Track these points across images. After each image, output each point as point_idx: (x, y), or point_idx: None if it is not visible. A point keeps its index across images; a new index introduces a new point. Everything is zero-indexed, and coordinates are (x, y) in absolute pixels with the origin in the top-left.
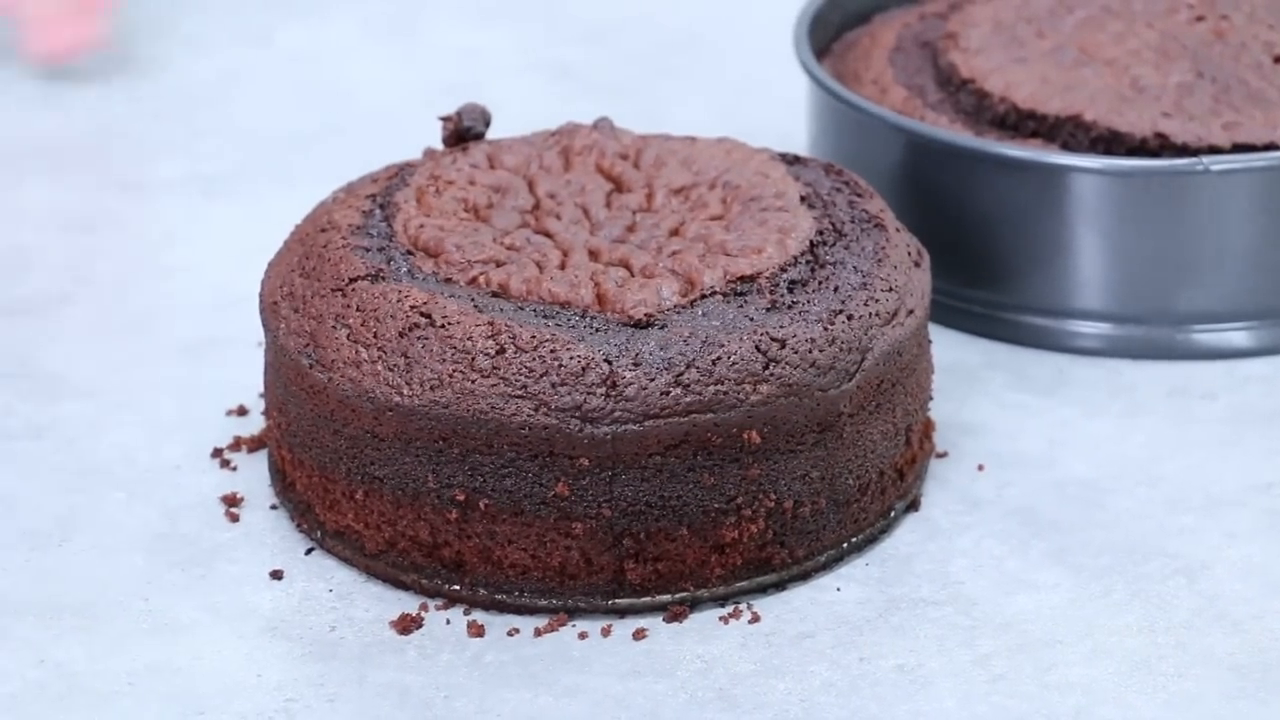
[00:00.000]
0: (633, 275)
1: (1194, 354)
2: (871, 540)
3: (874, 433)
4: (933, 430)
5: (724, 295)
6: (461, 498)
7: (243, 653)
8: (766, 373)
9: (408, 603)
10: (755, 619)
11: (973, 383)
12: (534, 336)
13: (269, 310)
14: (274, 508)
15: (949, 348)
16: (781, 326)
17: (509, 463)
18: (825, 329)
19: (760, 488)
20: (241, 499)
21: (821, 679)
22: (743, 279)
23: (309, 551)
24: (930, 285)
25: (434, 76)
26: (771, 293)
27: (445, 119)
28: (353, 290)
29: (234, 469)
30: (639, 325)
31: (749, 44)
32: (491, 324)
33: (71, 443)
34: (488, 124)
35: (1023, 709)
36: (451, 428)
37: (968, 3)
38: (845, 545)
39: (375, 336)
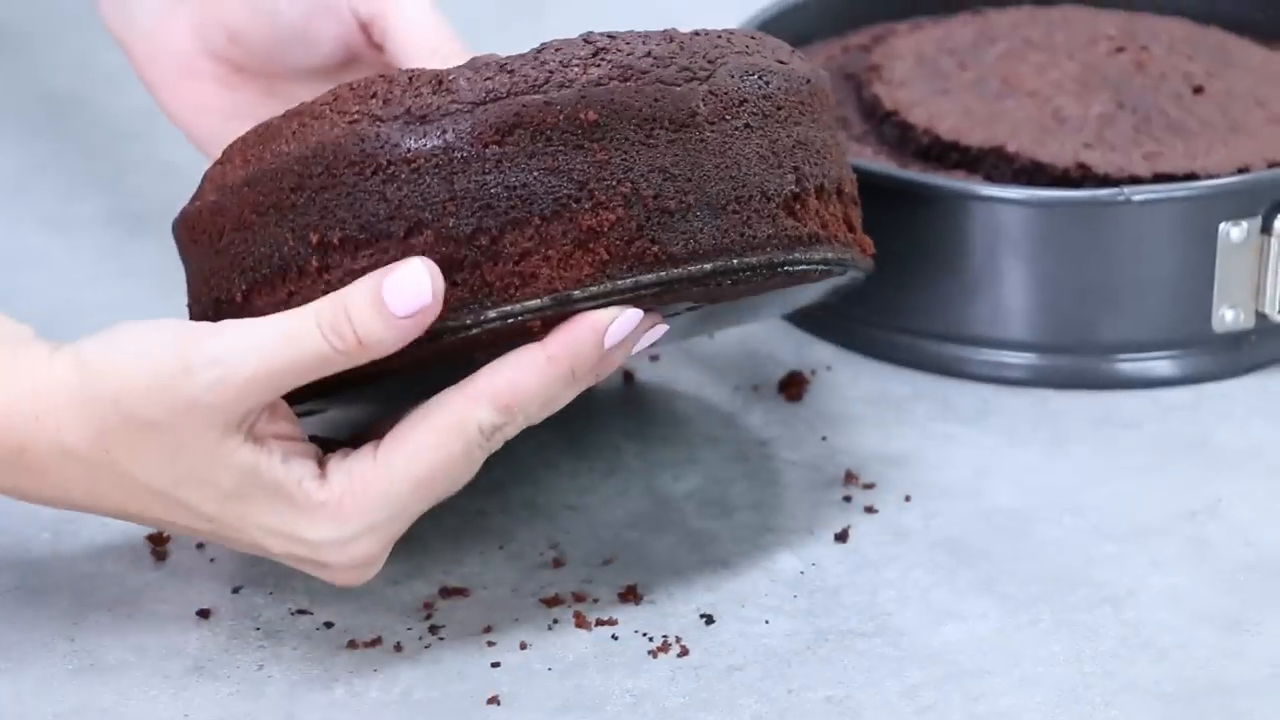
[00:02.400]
0: None
1: (1118, 383)
2: (771, 269)
3: (747, 150)
4: (856, 218)
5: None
6: (315, 239)
7: (170, 693)
8: (596, 58)
9: (336, 640)
10: (684, 652)
11: (899, 413)
12: (368, 79)
13: (184, 242)
14: (200, 547)
15: (875, 379)
16: (618, 35)
17: (353, 188)
18: (668, 36)
19: (612, 174)
20: (168, 538)
21: (751, 712)
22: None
23: (236, 590)
24: (824, 86)
25: None
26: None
27: None
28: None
29: None
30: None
31: None
32: (332, 90)
33: None
34: None
35: None
36: (297, 175)
37: (891, 35)
38: (735, 262)
39: (242, 142)
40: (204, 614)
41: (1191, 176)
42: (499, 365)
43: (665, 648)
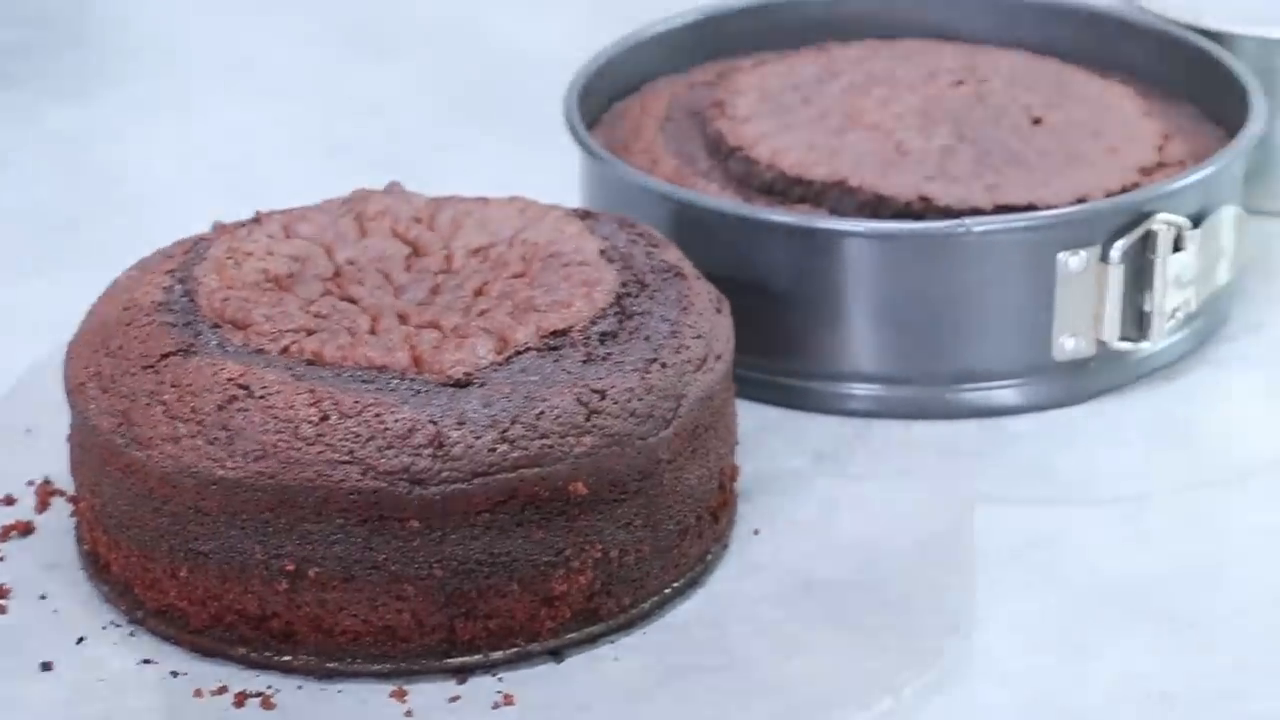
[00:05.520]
0: (445, 336)
1: (963, 413)
2: (692, 584)
3: (691, 478)
4: (738, 475)
5: (538, 350)
6: (291, 568)
7: None
8: (589, 424)
9: (180, 692)
10: (525, 693)
11: (747, 447)
12: (356, 402)
13: (75, 392)
14: (43, 598)
15: None
16: (600, 378)
17: (338, 529)
18: (642, 378)
19: (587, 539)
20: (9, 589)
21: None
22: (555, 334)
23: (80, 641)
24: (733, 331)
25: (206, 156)
26: (585, 345)
27: None
28: (165, 366)
29: (1, 559)
30: (459, 385)
31: (521, 116)
32: (312, 391)
33: None
34: None
35: None
36: (278, 498)
37: (735, 71)
38: (668, 591)
39: (193, 411)
40: (46, 666)
41: (1031, 207)
42: None
43: (510, 698)
